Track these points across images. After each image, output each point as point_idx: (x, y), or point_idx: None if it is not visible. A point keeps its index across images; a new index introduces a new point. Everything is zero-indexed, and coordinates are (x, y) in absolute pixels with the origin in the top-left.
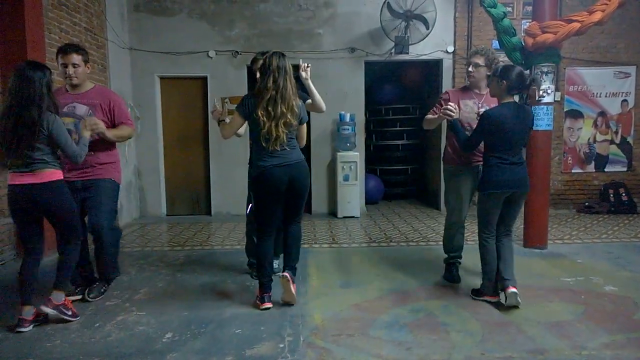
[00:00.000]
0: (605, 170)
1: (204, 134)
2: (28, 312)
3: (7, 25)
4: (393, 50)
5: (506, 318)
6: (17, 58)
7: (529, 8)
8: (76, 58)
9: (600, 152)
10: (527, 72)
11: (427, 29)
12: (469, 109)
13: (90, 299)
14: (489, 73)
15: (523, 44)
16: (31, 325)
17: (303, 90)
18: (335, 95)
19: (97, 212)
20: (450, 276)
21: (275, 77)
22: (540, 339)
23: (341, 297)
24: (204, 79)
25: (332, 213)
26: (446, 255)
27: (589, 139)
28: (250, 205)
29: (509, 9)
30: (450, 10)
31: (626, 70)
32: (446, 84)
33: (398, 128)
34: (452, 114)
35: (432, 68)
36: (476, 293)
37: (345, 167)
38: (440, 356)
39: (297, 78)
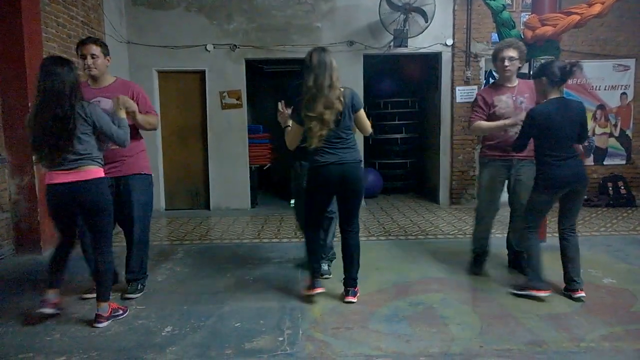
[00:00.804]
0: (604, 163)
1: (203, 128)
2: (53, 295)
3: (4, 19)
4: (392, 44)
5: (505, 311)
6: (13, 52)
7: (529, 0)
8: (95, 49)
9: (599, 145)
10: (566, 62)
11: (426, 22)
12: (503, 104)
13: (130, 297)
14: (520, 65)
15: (522, 36)
16: (54, 310)
17: None
18: None
19: (128, 210)
20: (476, 269)
21: (317, 74)
22: (538, 331)
23: (340, 291)
24: (202, 72)
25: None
26: (473, 247)
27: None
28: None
29: (508, 1)
30: (449, 3)
31: (625, 63)
32: (445, 77)
33: (397, 122)
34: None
35: (431, 61)
36: (521, 288)
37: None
38: (439, 349)
39: None
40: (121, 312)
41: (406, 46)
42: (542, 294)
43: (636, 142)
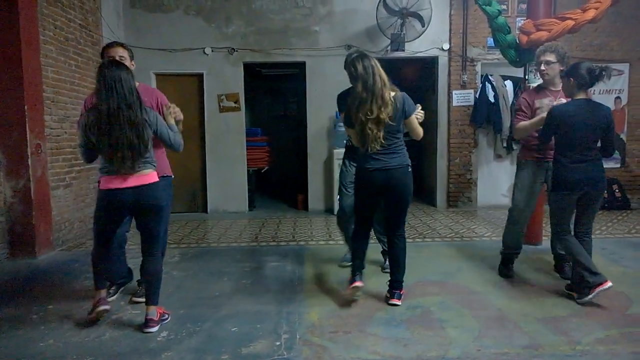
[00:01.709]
0: None
1: (201, 131)
2: (104, 294)
3: (1, 21)
4: (389, 48)
5: (502, 314)
6: (10, 55)
7: (524, 6)
8: (122, 52)
9: None
10: (596, 66)
11: (423, 26)
12: (545, 108)
13: (140, 300)
14: (562, 68)
15: (517, 41)
16: (107, 306)
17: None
18: (332, 93)
19: None
20: (507, 271)
21: (365, 79)
22: (535, 334)
23: (337, 295)
24: (200, 76)
25: (329, 210)
26: (502, 248)
27: None
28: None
29: (504, 6)
30: (445, 7)
31: (619, 67)
32: (442, 82)
33: None
34: None
35: (428, 65)
36: (588, 288)
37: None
38: (437, 352)
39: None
40: (167, 316)
41: (403, 50)
42: (606, 285)
43: (630, 146)
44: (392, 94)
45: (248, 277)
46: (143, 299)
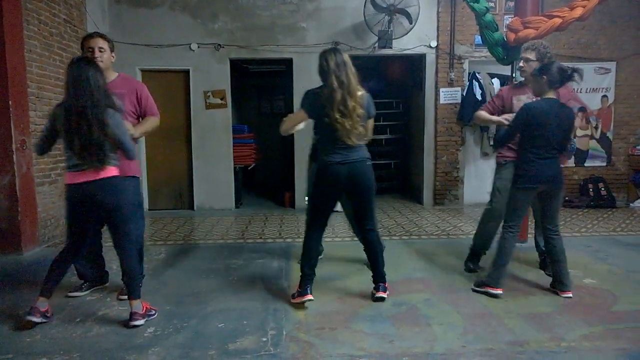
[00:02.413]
0: (585, 165)
1: (187, 127)
2: (42, 303)
3: None
4: (376, 45)
5: (487, 310)
6: None
7: (511, 3)
8: (102, 42)
9: (580, 147)
10: (567, 66)
11: (411, 23)
12: (522, 104)
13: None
14: None
15: (505, 39)
16: (41, 319)
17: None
18: None
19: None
20: (473, 265)
21: (338, 74)
22: (520, 330)
23: (324, 291)
24: (187, 72)
25: None
26: (473, 245)
27: None
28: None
29: (492, 4)
30: (433, 5)
31: (606, 66)
32: (429, 79)
33: (381, 122)
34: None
35: (416, 63)
36: (479, 284)
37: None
38: (422, 349)
39: None
40: (154, 312)
41: (390, 47)
42: (496, 291)
43: (616, 144)
44: (360, 93)
45: (235, 274)
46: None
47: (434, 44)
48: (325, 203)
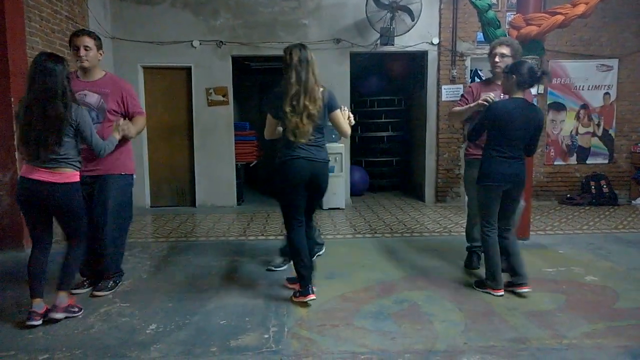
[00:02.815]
0: (587, 162)
1: (189, 124)
2: (38, 305)
3: None
4: (378, 42)
5: (489, 308)
6: None
7: (514, 0)
8: (88, 41)
9: (582, 145)
10: (538, 67)
11: (413, 20)
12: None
13: (98, 294)
14: None
15: (507, 36)
16: (41, 319)
17: None
18: None
19: (101, 209)
20: (470, 263)
21: (298, 70)
22: (522, 328)
23: (326, 288)
24: (188, 69)
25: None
26: (468, 244)
27: (571, 132)
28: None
29: (494, 1)
30: (435, 1)
31: (608, 63)
32: (431, 76)
33: (383, 120)
34: (490, 102)
35: (418, 60)
36: (480, 285)
37: (330, 158)
38: (424, 346)
39: None
40: (77, 309)
41: (392, 44)
42: (497, 293)
43: (619, 142)
44: (321, 89)
45: (236, 271)
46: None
47: (436, 41)
48: (294, 198)
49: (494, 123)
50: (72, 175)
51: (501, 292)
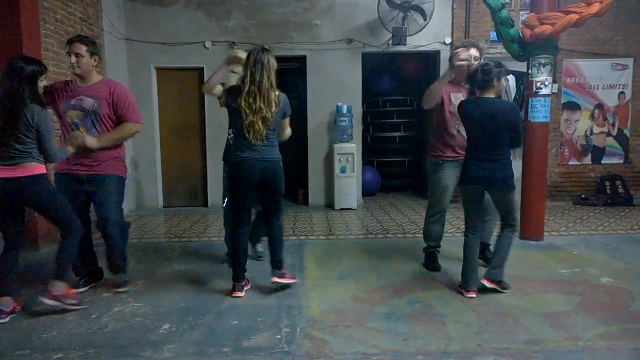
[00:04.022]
0: (602, 162)
1: (201, 125)
2: (5, 303)
3: (3, 15)
4: (390, 42)
5: (503, 309)
6: (11, 49)
7: None
8: (80, 47)
9: (597, 144)
10: (491, 67)
11: (425, 20)
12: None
13: (120, 290)
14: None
15: (521, 35)
16: (8, 317)
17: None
18: (333, 87)
19: (104, 207)
20: (431, 265)
21: (253, 71)
22: (536, 329)
23: (338, 289)
24: (201, 70)
25: (329, 205)
26: (425, 245)
27: (585, 131)
28: (227, 199)
29: (507, 0)
30: (448, 1)
31: (624, 62)
32: None
33: (395, 120)
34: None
35: (430, 59)
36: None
37: (342, 159)
38: (437, 347)
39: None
40: (75, 303)
41: (405, 44)
42: (469, 295)
43: (634, 141)
44: (277, 93)
45: (249, 271)
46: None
47: (448, 40)
48: (244, 197)
49: (464, 121)
50: (37, 167)
51: (473, 295)
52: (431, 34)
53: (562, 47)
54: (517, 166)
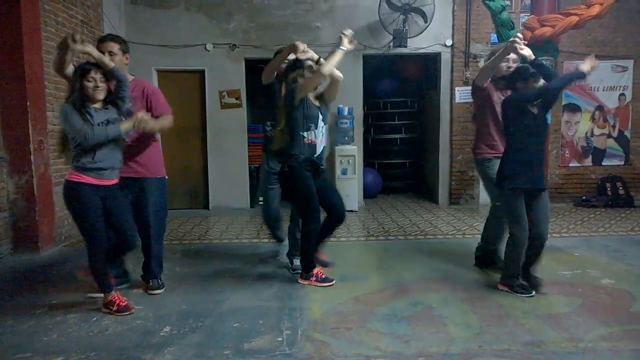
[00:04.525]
0: (603, 164)
1: (202, 127)
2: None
3: (3, 19)
4: (391, 44)
5: (504, 311)
6: (12, 51)
7: (528, 1)
8: (113, 46)
9: (597, 146)
10: (526, 67)
11: (426, 22)
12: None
13: (155, 292)
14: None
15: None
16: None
17: None
18: None
19: (146, 211)
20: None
21: None
22: (537, 331)
23: (339, 291)
24: (202, 72)
25: None
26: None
27: (586, 133)
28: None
29: (508, 2)
30: (448, 3)
31: (624, 64)
32: (444, 78)
33: (396, 122)
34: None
35: (430, 62)
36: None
37: (343, 161)
38: (438, 349)
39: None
40: (123, 309)
41: (405, 46)
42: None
43: (634, 143)
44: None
45: (250, 273)
46: (160, 290)
47: (449, 42)
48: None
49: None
50: (70, 174)
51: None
52: (432, 36)
53: (563, 49)
54: None
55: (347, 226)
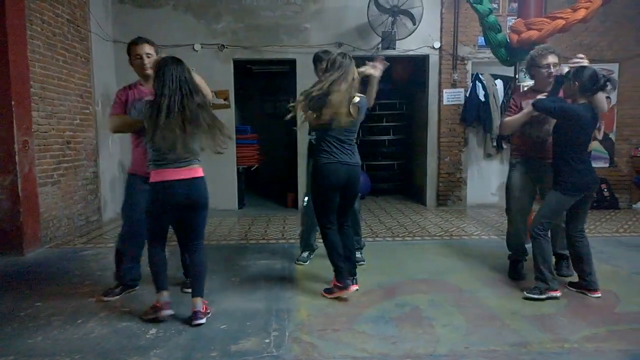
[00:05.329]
0: None
1: None
2: (167, 296)
3: None
4: (380, 46)
5: (490, 312)
6: None
7: (515, 5)
8: (149, 48)
9: None
10: (603, 72)
11: (414, 24)
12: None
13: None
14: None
15: (508, 40)
16: (171, 311)
17: None
18: None
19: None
20: (515, 273)
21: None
22: (523, 332)
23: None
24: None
25: None
26: (510, 252)
27: None
28: (307, 198)
29: (495, 5)
30: (436, 6)
31: (609, 67)
32: (433, 80)
33: (385, 123)
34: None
35: (419, 64)
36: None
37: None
38: (425, 350)
39: None
40: (210, 311)
41: (394, 48)
42: (557, 294)
43: (619, 146)
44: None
45: (237, 275)
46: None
47: (437, 45)
48: (333, 200)
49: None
50: (201, 169)
51: (559, 293)
52: (420, 38)
53: None
54: (503, 171)
55: None
